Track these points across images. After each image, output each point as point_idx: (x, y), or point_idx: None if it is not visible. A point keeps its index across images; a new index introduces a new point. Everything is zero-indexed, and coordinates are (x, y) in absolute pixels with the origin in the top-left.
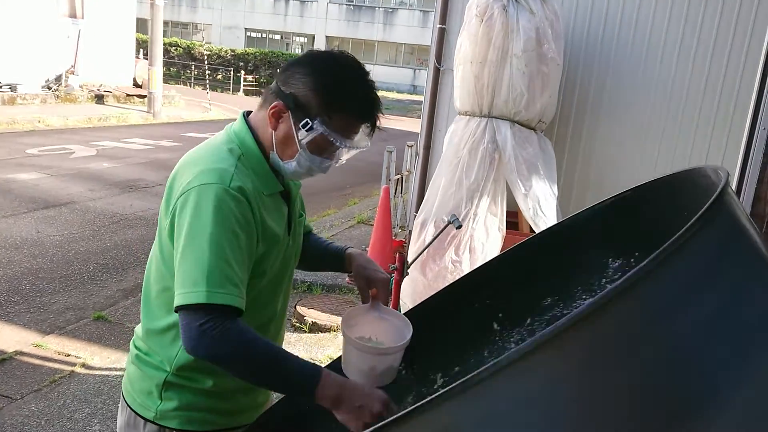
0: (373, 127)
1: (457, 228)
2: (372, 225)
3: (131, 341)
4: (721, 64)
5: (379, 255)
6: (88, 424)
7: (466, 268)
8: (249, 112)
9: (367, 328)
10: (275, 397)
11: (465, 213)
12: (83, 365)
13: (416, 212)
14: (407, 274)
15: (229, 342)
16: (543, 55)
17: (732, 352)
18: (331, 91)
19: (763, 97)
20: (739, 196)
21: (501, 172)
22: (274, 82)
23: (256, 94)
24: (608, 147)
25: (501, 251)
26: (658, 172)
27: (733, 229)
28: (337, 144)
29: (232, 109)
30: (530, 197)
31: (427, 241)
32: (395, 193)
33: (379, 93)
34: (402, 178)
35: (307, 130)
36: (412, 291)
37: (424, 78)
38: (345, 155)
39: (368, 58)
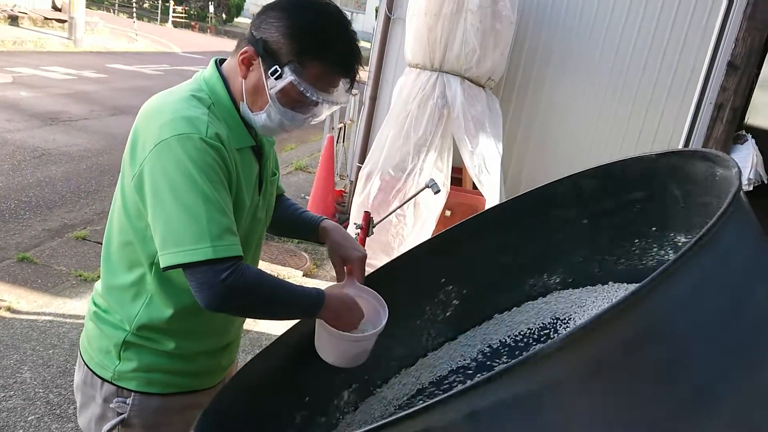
0: (352, 81)
1: (435, 193)
2: (311, 172)
3: (90, 297)
4: (673, 26)
5: (321, 204)
6: (18, 371)
7: (409, 222)
8: (222, 60)
9: None
10: (240, 359)
11: (411, 167)
12: (9, 309)
13: (359, 162)
14: (372, 233)
15: (250, 290)
16: (497, 12)
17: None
18: (305, 37)
19: (713, 71)
20: None
21: (449, 128)
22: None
23: (186, 26)
24: (552, 107)
25: (444, 206)
26: (599, 132)
27: (743, 234)
28: (309, 95)
29: (160, 41)
30: (476, 155)
31: (373, 194)
32: (336, 141)
33: None
34: (344, 126)
35: (276, 78)
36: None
37: (361, 22)
38: (324, 111)
39: None
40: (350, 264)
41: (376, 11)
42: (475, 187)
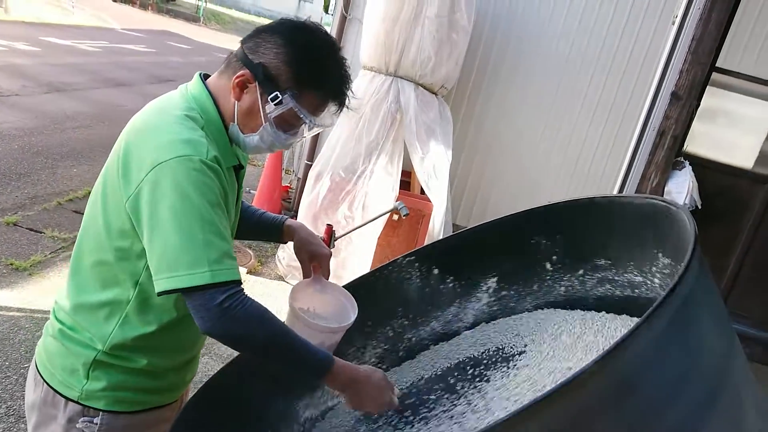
0: (342, 105)
1: (404, 215)
2: (257, 165)
3: (51, 312)
4: (623, 48)
5: (268, 200)
6: None
7: (357, 222)
8: (206, 75)
9: (306, 301)
10: (202, 374)
11: (362, 169)
12: None
13: (308, 160)
14: (333, 246)
15: (249, 320)
16: (455, 22)
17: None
18: (305, 67)
19: (658, 99)
20: (622, 190)
21: (401, 133)
22: (239, 48)
23: (126, 1)
24: (501, 117)
25: (391, 212)
26: (544, 144)
27: (697, 286)
28: (306, 121)
29: (98, 15)
30: (426, 161)
31: (322, 194)
32: None
33: (262, 21)
34: None
35: (275, 104)
36: None
37: (308, 11)
38: (308, 132)
39: None
40: (317, 261)
41: (325, 2)
42: (422, 191)
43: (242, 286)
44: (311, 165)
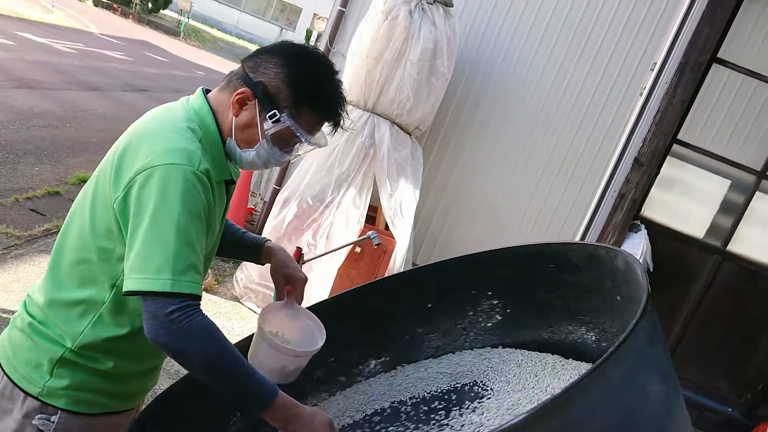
0: (337, 125)
1: (376, 245)
2: None
3: (21, 304)
4: (591, 111)
5: (233, 220)
6: None
7: (320, 251)
8: (207, 90)
9: (276, 324)
10: (163, 383)
11: (330, 199)
12: None
13: (276, 185)
14: (300, 267)
15: (194, 335)
16: (435, 68)
17: None
18: (303, 86)
19: (621, 163)
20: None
21: (372, 168)
22: (240, 67)
23: (108, 8)
24: (470, 162)
25: (354, 244)
26: (509, 193)
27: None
28: (302, 139)
29: (77, 17)
30: (394, 198)
31: (288, 219)
32: None
33: (242, 43)
34: None
35: (273, 122)
36: (261, 267)
37: (290, 38)
38: (302, 150)
39: (235, 3)
40: (293, 285)
41: (308, 33)
42: (387, 227)
43: (199, 302)
44: (279, 190)
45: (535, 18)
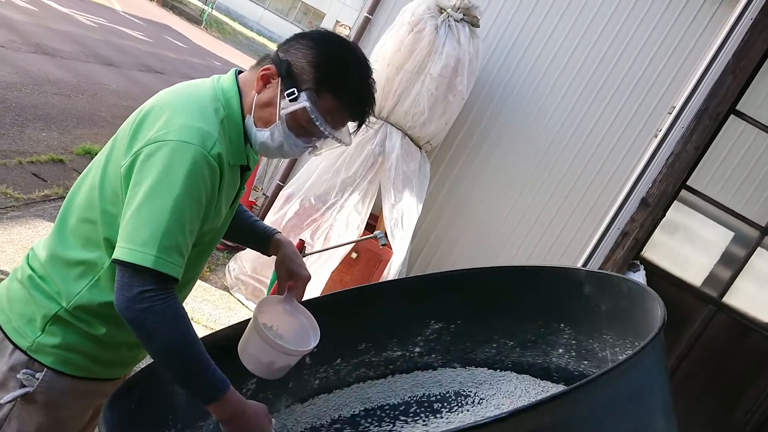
0: (360, 125)
1: (381, 245)
2: None
3: (25, 258)
4: (602, 149)
5: None
6: None
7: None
8: (241, 71)
9: (272, 317)
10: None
11: (333, 201)
12: None
13: (281, 181)
14: None
15: (163, 318)
16: (454, 86)
17: None
18: (328, 70)
19: (628, 201)
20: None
21: (378, 176)
22: (275, 50)
23: None
24: (475, 183)
25: (352, 248)
26: (511, 218)
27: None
28: (318, 125)
29: None
30: (396, 209)
31: (288, 216)
32: None
33: (262, 40)
34: None
35: (290, 100)
36: (257, 258)
37: None
38: (325, 146)
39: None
40: (295, 281)
41: None
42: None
43: (175, 286)
44: (283, 186)
45: (559, 47)
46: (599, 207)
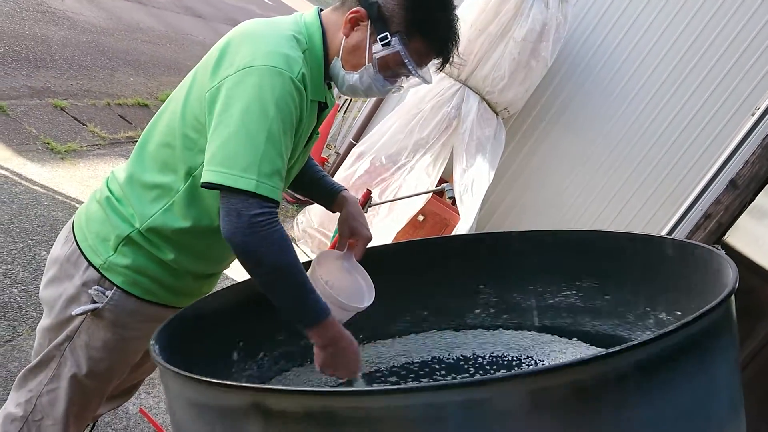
0: (445, 63)
1: (449, 198)
2: None
3: (105, 180)
4: (690, 129)
5: None
6: None
7: (382, 212)
8: (321, 10)
9: (329, 271)
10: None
11: (404, 162)
12: None
13: (353, 140)
14: (366, 211)
15: (272, 243)
16: (537, 51)
17: None
18: (420, 12)
19: (714, 182)
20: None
21: (452, 140)
22: None
23: None
24: (551, 155)
25: (420, 210)
26: (585, 193)
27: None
28: (410, 68)
29: None
30: (468, 174)
31: (358, 174)
32: (339, 109)
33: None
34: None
35: (383, 45)
36: (325, 213)
37: None
38: (406, 83)
39: None
40: (356, 239)
41: None
42: (454, 202)
43: (277, 210)
44: (355, 144)
45: (654, 19)
46: (680, 192)
